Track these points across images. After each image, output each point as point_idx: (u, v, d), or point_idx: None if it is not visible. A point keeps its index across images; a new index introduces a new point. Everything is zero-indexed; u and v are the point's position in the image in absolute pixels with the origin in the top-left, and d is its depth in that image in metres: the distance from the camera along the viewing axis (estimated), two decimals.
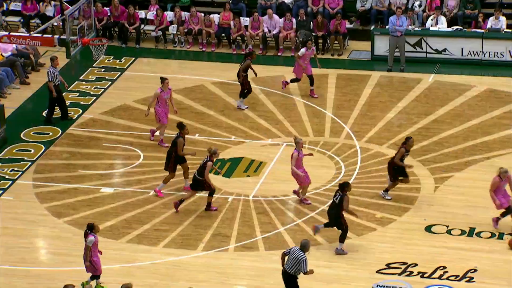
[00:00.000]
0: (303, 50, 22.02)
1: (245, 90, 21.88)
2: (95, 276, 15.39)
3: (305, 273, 14.49)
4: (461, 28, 24.52)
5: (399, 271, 15.92)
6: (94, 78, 23.99)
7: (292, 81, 22.47)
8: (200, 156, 18.63)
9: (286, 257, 14.60)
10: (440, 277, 15.74)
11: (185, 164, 18.39)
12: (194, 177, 17.55)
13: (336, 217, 16.33)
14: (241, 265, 16.23)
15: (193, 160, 18.85)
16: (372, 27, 25.26)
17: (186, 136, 18.50)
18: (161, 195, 18.31)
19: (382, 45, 24.28)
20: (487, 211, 17.53)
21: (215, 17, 25.79)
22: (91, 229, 15.20)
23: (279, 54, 25.25)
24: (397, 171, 17.80)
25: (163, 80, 20.08)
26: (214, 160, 17.60)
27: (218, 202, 18.24)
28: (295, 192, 18.06)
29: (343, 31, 25.06)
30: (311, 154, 18.33)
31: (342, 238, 16.38)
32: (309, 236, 17.03)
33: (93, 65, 24.56)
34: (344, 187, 16.31)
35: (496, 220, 16.96)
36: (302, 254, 14.45)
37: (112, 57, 25.05)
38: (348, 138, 20.62)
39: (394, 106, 21.97)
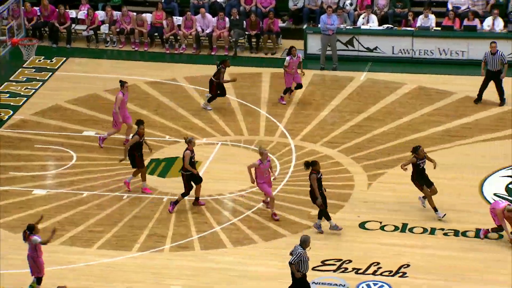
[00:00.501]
0: (287, 58, 21.48)
1: (214, 94, 21.50)
2: (40, 278, 15.14)
3: (290, 264, 14.36)
4: (392, 26, 24.87)
5: (334, 267, 16.06)
6: (25, 78, 23.61)
7: (285, 91, 21.95)
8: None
9: (302, 263, 14.42)
10: (374, 273, 15.92)
11: (143, 169, 18.22)
12: (182, 174, 17.54)
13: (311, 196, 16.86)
14: (176, 265, 16.16)
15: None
16: (305, 26, 25.43)
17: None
18: (149, 191, 18.33)
19: (314, 44, 24.46)
20: (418, 207, 17.81)
21: (148, 17, 25.63)
22: (31, 230, 14.97)
23: (212, 53, 25.23)
24: (421, 181, 17.32)
25: (123, 83, 19.82)
26: (192, 148, 17.44)
27: (153, 202, 18.14)
28: (264, 202, 17.77)
29: (276, 30, 25.17)
30: (274, 178, 17.75)
31: (319, 215, 16.96)
32: (245, 234, 17.07)
33: (24, 66, 24.17)
34: (308, 166, 16.62)
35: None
36: (301, 249, 14.37)
37: (42, 57, 24.70)
38: (282, 137, 20.72)
39: (327, 104, 22.16)
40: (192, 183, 17.60)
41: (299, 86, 21.94)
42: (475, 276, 15.75)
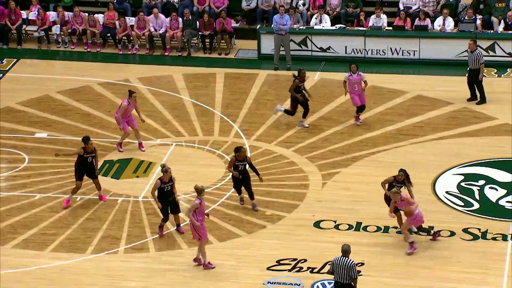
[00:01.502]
0: (346, 75, 20.62)
1: (293, 110, 20.64)
2: None
3: (355, 278, 14.18)
4: (344, 26, 25.03)
5: (289, 267, 16.11)
6: None
7: (357, 111, 20.86)
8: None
9: (336, 271, 14.19)
10: (329, 272, 15.98)
11: (96, 180, 17.86)
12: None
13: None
14: (131, 266, 16.07)
15: None
16: (258, 26, 25.47)
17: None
18: (65, 205, 17.81)
19: (268, 44, 24.52)
20: (372, 205, 17.95)
21: (100, 17, 25.44)
22: None
23: (166, 53, 25.13)
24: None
25: (131, 93, 19.60)
26: (167, 179, 16.39)
27: (107, 203, 18.00)
28: (195, 260, 16.14)
29: (229, 30, 25.17)
30: (207, 215, 16.56)
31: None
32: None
33: None
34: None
35: None
36: (350, 260, 14.18)
37: None
38: (237, 137, 20.72)
39: (281, 104, 22.20)
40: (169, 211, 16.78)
41: (362, 107, 20.76)
42: (426, 273, 15.92)
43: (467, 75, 21.97)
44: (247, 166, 17.49)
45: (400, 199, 16.24)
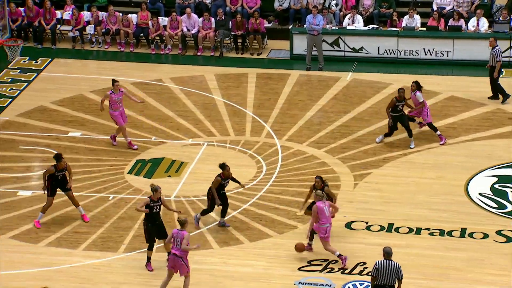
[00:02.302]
0: (419, 94, 19.74)
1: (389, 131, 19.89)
2: None
3: (401, 279, 14.14)
4: (377, 27, 24.93)
5: (320, 267, 16.08)
6: (10, 79, 23.53)
7: (430, 126, 20.13)
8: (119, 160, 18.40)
9: (381, 274, 14.06)
10: (360, 273, 15.96)
11: (69, 193, 17.35)
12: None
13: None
14: (162, 266, 16.13)
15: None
16: (291, 26, 25.46)
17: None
18: (38, 226, 17.25)
19: (300, 44, 24.50)
20: (404, 207, 17.87)
21: (133, 17, 25.59)
22: None
23: (198, 53, 25.21)
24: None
25: (113, 82, 19.77)
26: (156, 198, 15.83)
27: (138, 203, 18.08)
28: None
29: (262, 31, 25.19)
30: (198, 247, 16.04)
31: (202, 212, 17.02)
32: (231, 235, 17.07)
33: (8, 66, 24.09)
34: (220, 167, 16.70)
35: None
36: (395, 262, 14.11)
37: (27, 58, 24.62)
38: (268, 137, 20.73)
39: (313, 104, 22.19)
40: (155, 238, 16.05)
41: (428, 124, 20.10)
42: (457, 275, 15.81)
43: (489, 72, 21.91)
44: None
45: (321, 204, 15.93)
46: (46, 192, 17.12)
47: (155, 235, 16.01)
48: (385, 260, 14.18)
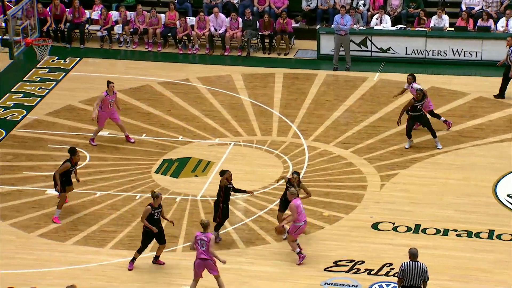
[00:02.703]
0: (415, 85, 19.97)
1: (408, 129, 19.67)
2: None
3: (427, 280, 14.09)
4: (405, 27, 24.82)
5: (346, 268, 16.05)
6: (39, 78, 23.71)
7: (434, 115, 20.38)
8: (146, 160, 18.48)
9: (407, 276, 13.99)
10: (386, 274, 15.90)
11: (71, 187, 17.54)
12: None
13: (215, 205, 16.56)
14: (189, 265, 16.16)
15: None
16: (318, 26, 25.41)
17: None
18: (58, 222, 17.45)
19: (328, 44, 24.45)
20: (431, 207, 17.78)
21: (161, 17, 25.67)
22: None
23: (225, 53, 25.25)
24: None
25: (108, 83, 19.91)
26: (157, 205, 15.76)
27: (166, 202, 18.16)
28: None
29: (289, 31, 25.17)
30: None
31: (216, 228, 16.52)
32: (257, 235, 17.08)
33: (37, 66, 24.27)
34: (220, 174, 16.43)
35: None
36: (422, 263, 14.07)
37: (56, 57, 24.79)
38: (295, 137, 20.71)
39: (340, 104, 22.14)
40: (155, 240, 16.05)
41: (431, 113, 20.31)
42: (485, 277, 15.70)
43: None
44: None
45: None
46: (59, 190, 17.21)
47: (153, 240, 15.97)
48: (411, 261, 14.11)
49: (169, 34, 25.58)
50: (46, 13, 25.61)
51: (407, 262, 14.11)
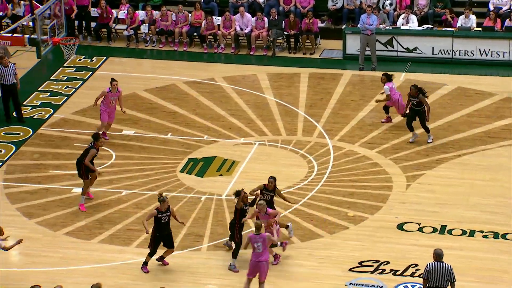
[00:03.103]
0: (386, 87, 20.26)
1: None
2: None
3: (454, 281, 14.00)
4: (432, 26, 24.69)
5: (371, 269, 15.99)
6: (65, 77, 23.86)
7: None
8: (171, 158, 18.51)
9: (433, 277, 13.90)
10: (412, 275, 15.83)
11: (94, 174, 17.74)
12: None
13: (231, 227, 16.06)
14: (213, 264, 16.21)
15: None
16: (344, 26, 25.35)
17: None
18: (83, 209, 17.75)
19: (354, 44, 24.38)
20: (457, 208, 17.67)
21: (188, 15, 25.72)
22: None
23: (251, 53, 25.26)
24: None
25: (111, 81, 20.02)
26: (164, 209, 15.62)
27: (191, 201, 18.21)
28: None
29: (315, 30, 25.13)
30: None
31: (234, 254, 15.91)
32: (282, 235, 17.05)
33: (64, 65, 24.42)
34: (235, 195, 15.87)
35: None
36: (447, 264, 14.01)
37: (83, 56, 24.93)
38: (320, 137, 20.67)
39: (366, 104, 22.07)
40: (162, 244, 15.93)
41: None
42: (511, 279, 15.61)
43: None
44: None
45: (265, 212, 15.73)
46: (83, 177, 17.51)
47: (163, 244, 15.93)
48: (436, 262, 14.04)
49: (195, 34, 25.63)
50: (71, 3, 25.66)
51: (432, 263, 14.04)
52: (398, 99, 20.57)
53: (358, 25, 24.16)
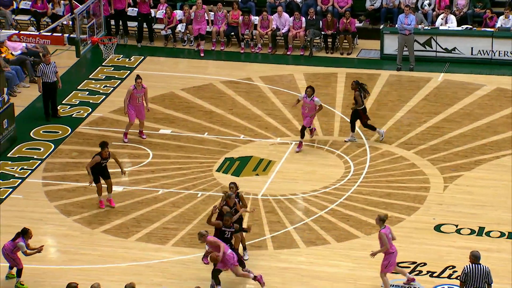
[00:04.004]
0: (317, 99, 19.46)
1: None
2: (21, 270, 15.60)
3: (491, 283, 13.92)
4: (471, 27, 24.47)
5: (408, 270, 15.90)
6: (104, 76, 24.03)
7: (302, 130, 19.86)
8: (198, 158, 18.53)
9: (471, 279, 13.81)
10: (449, 277, 15.71)
11: (109, 180, 17.82)
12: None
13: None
14: (249, 264, 16.21)
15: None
16: (382, 26, 25.23)
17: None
18: (102, 206, 17.94)
19: (391, 44, 24.25)
20: (496, 210, 17.49)
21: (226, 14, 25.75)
22: (23, 234, 15.49)
23: (288, 53, 25.23)
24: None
25: (136, 78, 20.13)
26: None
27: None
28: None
29: (352, 30, 25.04)
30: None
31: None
32: (318, 235, 17.04)
33: (103, 64, 24.61)
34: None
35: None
36: (485, 266, 13.91)
37: (121, 55, 25.10)
38: (357, 137, 20.58)
39: (403, 105, 21.94)
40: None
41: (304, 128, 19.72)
42: None
43: None
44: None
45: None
46: (90, 182, 17.57)
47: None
48: (474, 265, 13.91)
49: (232, 33, 25.67)
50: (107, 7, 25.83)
51: (469, 265, 13.91)
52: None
53: (396, 25, 24.02)
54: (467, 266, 13.94)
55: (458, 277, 14.89)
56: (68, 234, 17.19)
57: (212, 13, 25.70)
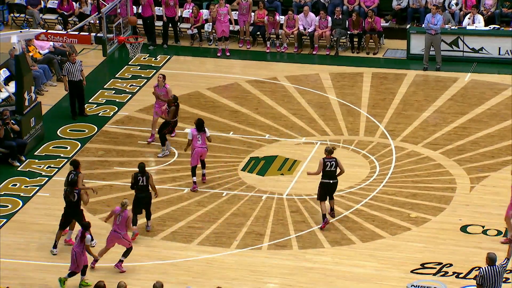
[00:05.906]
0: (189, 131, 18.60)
1: None
2: (73, 273, 15.61)
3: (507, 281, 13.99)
4: (499, 27, 24.29)
5: (434, 271, 15.83)
6: (130, 75, 24.13)
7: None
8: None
9: (487, 282, 13.76)
10: (475, 278, 15.59)
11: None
12: None
13: None
14: (274, 263, 16.23)
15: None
16: (408, 26, 25.11)
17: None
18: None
19: (418, 44, 24.14)
20: None
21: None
22: (86, 228, 15.64)
23: (314, 52, 25.19)
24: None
25: (162, 77, 20.22)
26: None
27: (252, 200, 18.26)
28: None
29: (378, 30, 24.95)
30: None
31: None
32: (343, 235, 17.01)
33: (129, 63, 24.71)
34: None
35: None
36: (498, 266, 13.85)
37: (147, 55, 25.19)
38: (382, 137, 20.52)
39: (429, 105, 21.83)
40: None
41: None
42: None
43: None
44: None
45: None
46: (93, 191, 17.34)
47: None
48: (490, 267, 13.79)
49: (258, 33, 25.67)
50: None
51: (485, 267, 13.80)
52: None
53: (423, 25, 23.90)
54: (483, 268, 13.83)
55: (476, 280, 14.84)
56: (94, 232, 17.24)
57: (235, 12, 25.60)
